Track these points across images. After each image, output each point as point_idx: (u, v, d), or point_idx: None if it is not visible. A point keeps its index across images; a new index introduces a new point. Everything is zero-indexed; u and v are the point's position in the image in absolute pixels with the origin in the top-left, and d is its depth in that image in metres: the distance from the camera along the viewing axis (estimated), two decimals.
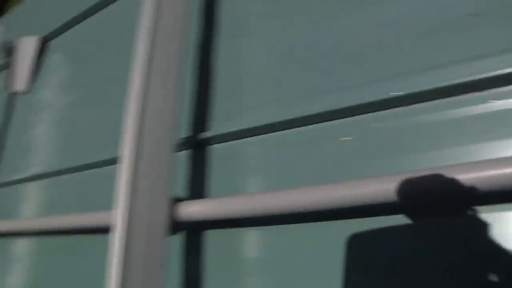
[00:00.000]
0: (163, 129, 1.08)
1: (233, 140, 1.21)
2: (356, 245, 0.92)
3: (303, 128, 1.09)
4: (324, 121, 1.05)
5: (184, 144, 1.27)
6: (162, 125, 1.08)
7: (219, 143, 1.24)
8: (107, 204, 1.49)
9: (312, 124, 1.08)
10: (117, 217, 0.99)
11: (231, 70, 1.30)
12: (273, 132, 1.14)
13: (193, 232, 1.19)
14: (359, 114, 1.00)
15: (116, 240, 0.98)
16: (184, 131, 1.28)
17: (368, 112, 0.99)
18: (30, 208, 2.00)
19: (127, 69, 1.68)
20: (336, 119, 1.04)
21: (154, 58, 1.14)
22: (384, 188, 0.79)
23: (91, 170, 1.68)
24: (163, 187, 1.04)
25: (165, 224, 1.02)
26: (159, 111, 1.08)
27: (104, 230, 1.37)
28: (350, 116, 1.02)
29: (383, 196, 0.79)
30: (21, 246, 1.99)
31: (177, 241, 1.20)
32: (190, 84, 1.35)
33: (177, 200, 1.08)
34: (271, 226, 1.07)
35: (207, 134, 1.22)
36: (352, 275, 0.90)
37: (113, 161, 1.54)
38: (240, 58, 1.29)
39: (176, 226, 1.08)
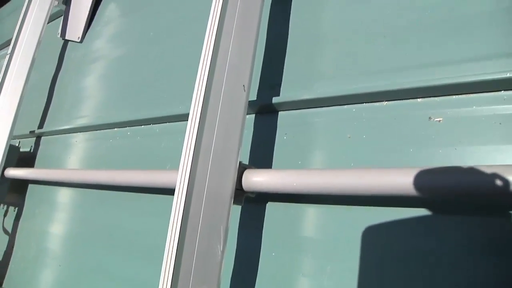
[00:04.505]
0: (236, 88, 0.99)
1: (304, 108, 1.12)
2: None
3: (376, 104, 1.01)
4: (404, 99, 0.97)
5: (253, 107, 1.19)
6: (235, 84, 0.99)
7: (290, 110, 1.15)
8: (156, 163, 1.47)
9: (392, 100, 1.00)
10: (179, 179, 0.92)
11: (307, 37, 1.20)
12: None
13: (255, 202, 1.12)
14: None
15: (176, 204, 0.91)
16: (254, 94, 1.21)
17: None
18: (76, 159, 1.99)
19: (186, 23, 1.64)
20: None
21: (227, 13, 1.05)
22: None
23: (143, 127, 1.63)
24: (231, 151, 0.97)
25: (231, 191, 0.95)
26: (233, 67, 0.99)
27: (161, 190, 1.33)
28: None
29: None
30: (65, 195, 1.99)
31: (237, 209, 1.14)
32: (265, 46, 1.27)
33: (243, 167, 1.00)
34: (338, 206, 0.99)
35: (278, 99, 1.13)
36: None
37: (168, 118, 1.50)
38: (316, 26, 1.19)
39: (240, 194, 1.01)
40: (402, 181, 0.77)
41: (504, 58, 0.84)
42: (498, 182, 0.67)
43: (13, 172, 2.10)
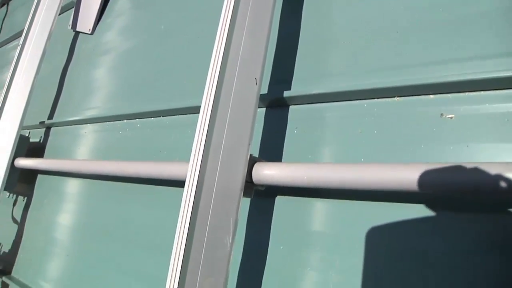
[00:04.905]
0: (248, 81, 0.99)
1: (316, 103, 1.12)
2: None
3: (388, 99, 1.01)
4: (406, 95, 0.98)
5: (264, 101, 1.19)
6: (246, 77, 0.99)
7: (301, 104, 1.15)
8: (166, 155, 1.47)
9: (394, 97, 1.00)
10: (190, 171, 0.93)
11: (319, 32, 1.20)
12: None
13: (265, 195, 1.12)
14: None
15: (186, 196, 0.92)
16: (266, 88, 1.21)
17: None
18: (85, 150, 2.00)
19: (197, 16, 1.64)
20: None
21: (240, 6, 1.05)
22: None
23: (152, 119, 1.64)
24: (242, 144, 0.97)
25: (241, 184, 0.95)
26: (245, 60, 1.00)
27: (170, 182, 1.34)
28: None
29: None
30: (73, 186, 2.00)
31: (247, 202, 1.14)
32: (276, 40, 1.27)
33: (254, 160, 1.00)
34: (347, 201, 0.99)
35: (289, 93, 1.13)
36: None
37: (178, 111, 1.50)
38: (329, 21, 1.19)
39: (249, 187, 1.01)
40: (412, 176, 0.77)
41: None
42: (504, 180, 0.67)
43: (23, 162, 2.12)
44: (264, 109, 1.22)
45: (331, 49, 1.15)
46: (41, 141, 2.38)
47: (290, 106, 1.17)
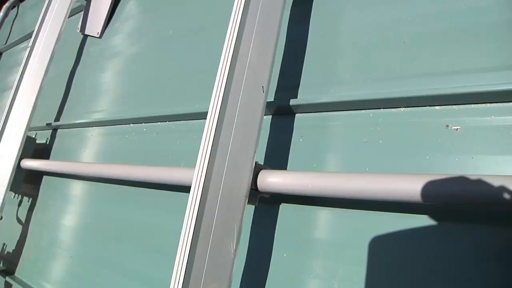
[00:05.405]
0: (255, 89, 1.00)
1: (322, 111, 1.13)
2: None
3: (394, 109, 1.02)
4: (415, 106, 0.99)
5: (270, 108, 1.20)
6: (253, 84, 1.00)
7: (307, 112, 1.15)
8: (171, 160, 1.48)
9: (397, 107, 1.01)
10: (196, 177, 0.93)
11: (326, 41, 1.21)
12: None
13: (269, 203, 1.13)
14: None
15: (192, 201, 0.92)
16: (272, 95, 1.22)
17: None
18: (91, 153, 2.01)
19: (205, 23, 1.65)
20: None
21: (248, 15, 1.06)
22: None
23: (158, 123, 1.65)
24: (248, 151, 0.98)
25: (246, 191, 0.96)
26: (252, 68, 1.00)
27: (175, 187, 1.34)
28: None
29: None
30: (78, 188, 2.01)
31: (251, 209, 1.15)
32: (283, 48, 1.28)
33: (259, 167, 1.01)
34: (351, 210, 1.00)
35: (296, 101, 1.14)
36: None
37: (184, 116, 1.51)
38: (336, 30, 1.20)
39: (254, 194, 1.01)
40: (416, 187, 0.77)
41: None
42: (507, 192, 0.68)
43: (29, 163, 2.13)
44: (270, 116, 1.23)
45: (338, 58, 1.16)
46: (48, 143, 2.40)
47: (296, 114, 1.18)
